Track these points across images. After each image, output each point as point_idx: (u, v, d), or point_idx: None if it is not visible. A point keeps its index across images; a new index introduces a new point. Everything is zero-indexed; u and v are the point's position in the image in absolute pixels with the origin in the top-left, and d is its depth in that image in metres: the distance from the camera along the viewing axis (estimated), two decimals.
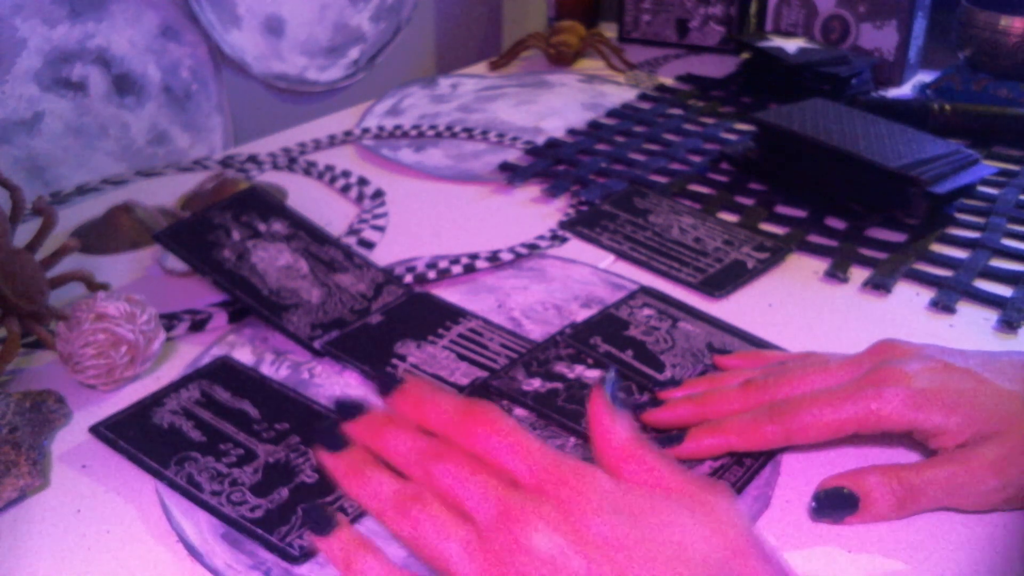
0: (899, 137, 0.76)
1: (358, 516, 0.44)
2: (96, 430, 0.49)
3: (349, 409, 0.36)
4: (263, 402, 0.52)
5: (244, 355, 0.57)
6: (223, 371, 0.54)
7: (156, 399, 0.52)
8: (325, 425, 0.36)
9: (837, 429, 0.45)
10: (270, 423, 0.50)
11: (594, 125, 0.96)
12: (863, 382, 0.45)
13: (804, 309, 0.63)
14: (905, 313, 0.62)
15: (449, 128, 0.93)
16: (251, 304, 0.59)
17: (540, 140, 0.91)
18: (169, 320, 0.60)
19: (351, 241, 0.70)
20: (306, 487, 0.45)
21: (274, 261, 0.62)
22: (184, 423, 0.50)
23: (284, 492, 0.45)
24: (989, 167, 0.77)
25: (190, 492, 0.45)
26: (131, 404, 0.51)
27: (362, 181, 0.82)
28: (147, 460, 0.47)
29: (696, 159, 0.87)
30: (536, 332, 0.59)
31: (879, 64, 1.07)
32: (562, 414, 0.51)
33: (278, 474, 0.46)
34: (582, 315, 0.61)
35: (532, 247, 0.70)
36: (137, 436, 0.49)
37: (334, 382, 0.55)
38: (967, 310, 0.62)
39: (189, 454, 0.47)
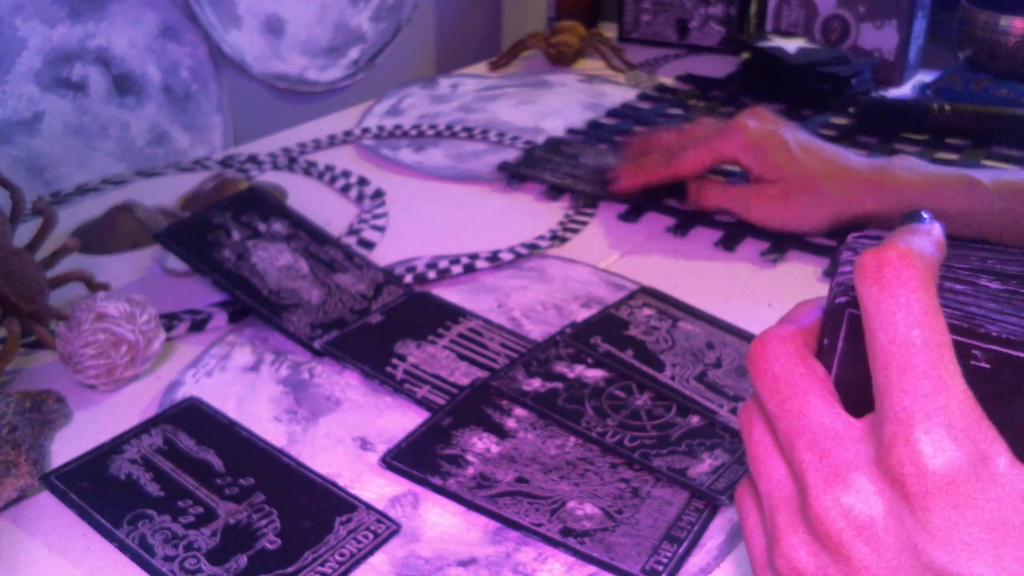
0: None
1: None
2: (47, 479, 0.46)
3: None
4: (229, 452, 0.48)
5: (244, 355, 0.57)
6: (190, 415, 0.51)
7: (116, 445, 0.48)
8: None
9: (701, 162, 0.71)
10: (235, 477, 0.46)
11: (594, 125, 0.96)
12: (722, 129, 0.71)
13: None
14: None
15: (449, 128, 0.93)
16: (251, 304, 0.59)
17: (540, 140, 0.91)
18: (169, 320, 0.59)
19: (351, 241, 0.70)
20: (267, 554, 0.42)
21: (274, 261, 0.62)
22: (143, 475, 0.46)
23: (243, 560, 0.42)
24: None
25: (140, 556, 0.42)
26: (89, 450, 0.48)
27: (362, 181, 0.82)
28: (97, 517, 0.44)
29: None
30: (536, 332, 0.59)
31: (879, 64, 1.07)
32: (562, 414, 0.51)
33: (237, 538, 0.43)
34: (582, 315, 0.61)
35: (532, 247, 0.70)
36: (90, 488, 0.45)
37: (334, 382, 0.55)
38: None
39: (144, 511, 0.44)
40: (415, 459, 0.48)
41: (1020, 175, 0.66)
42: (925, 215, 0.29)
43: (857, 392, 0.28)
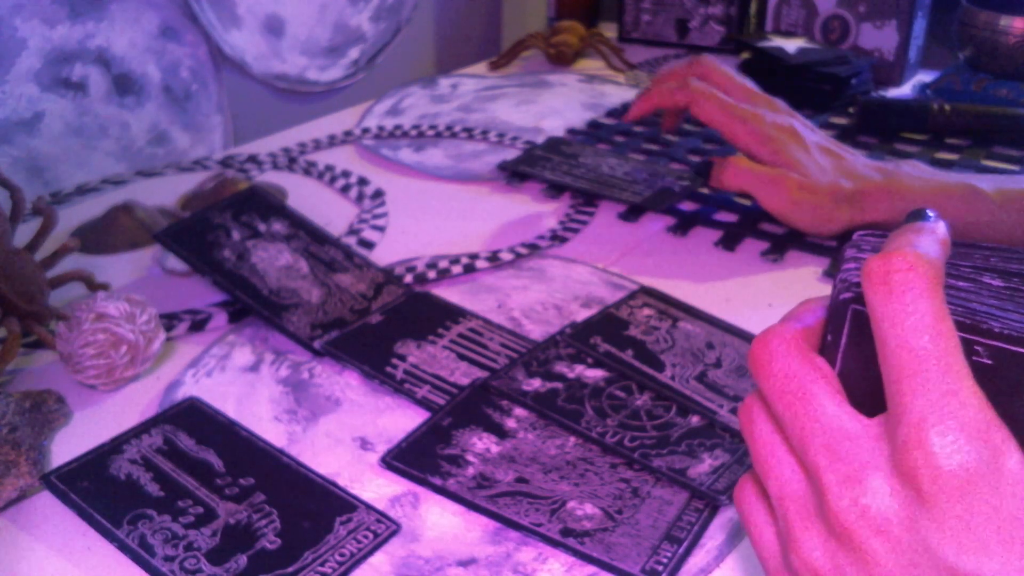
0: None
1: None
2: (47, 479, 0.46)
3: None
4: (229, 452, 0.48)
5: (244, 355, 0.57)
6: (190, 415, 0.51)
7: (116, 445, 0.48)
8: None
9: (712, 121, 0.69)
10: (234, 477, 0.46)
11: (594, 125, 0.96)
12: (744, 111, 0.68)
13: None
14: None
15: (449, 128, 0.93)
16: (251, 304, 0.59)
17: (540, 140, 0.91)
18: (169, 320, 0.59)
19: (351, 241, 0.70)
20: (266, 554, 0.42)
21: (274, 261, 0.62)
22: (143, 475, 0.46)
23: (243, 560, 0.42)
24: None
25: (140, 556, 0.42)
26: (89, 450, 0.48)
27: (362, 181, 0.82)
28: (97, 517, 0.44)
29: (695, 159, 0.87)
30: (536, 332, 0.59)
31: (879, 64, 1.07)
32: (562, 414, 0.51)
33: (237, 538, 0.43)
34: (582, 315, 0.61)
35: (532, 247, 0.70)
36: (90, 488, 0.45)
37: (334, 382, 0.55)
38: None
39: (144, 511, 0.44)
40: (415, 459, 0.48)
41: (1023, 183, 0.66)
42: (930, 213, 0.29)
43: (862, 387, 0.29)
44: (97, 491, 0.45)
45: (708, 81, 0.72)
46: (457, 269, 0.66)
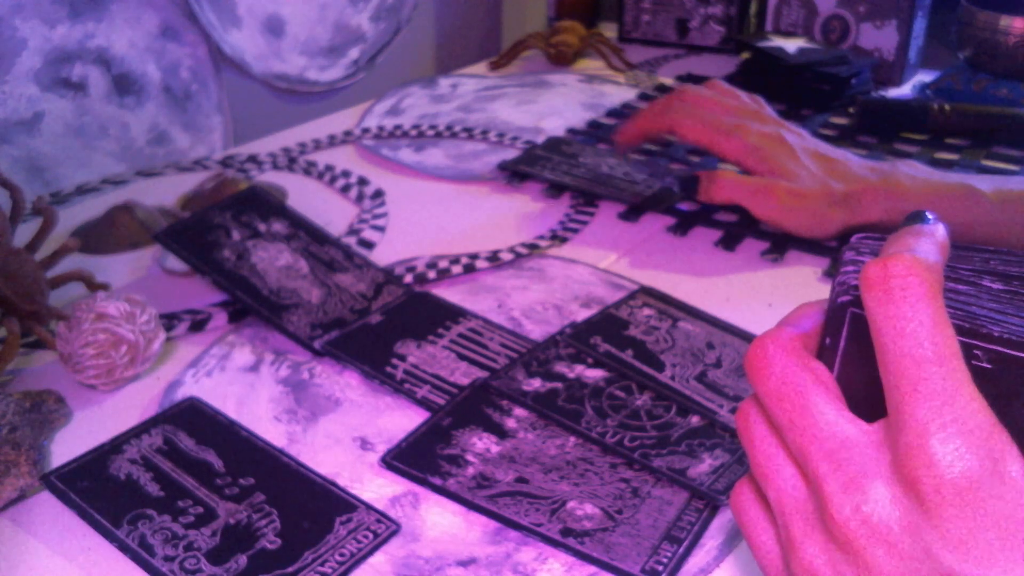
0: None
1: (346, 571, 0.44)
2: (47, 479, 0.46)
3: None
4: (229, 452, 0.48)
5: (244, 355, 0.57)
6: (190, 415, 0.51)
7: (116, 445, 0.48)
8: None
9: (698, 141, 0.70)
10: (235, 477, 0.46)
11: (594, 125, 0.96)
12: (727, 125, 0.69)
13: None
14: None
15: (449, 128, 0.93)
16: (251, 304, 0.59)
17: (540, 140, 0.91)
18: (169, 320, 0.59)
19: (351, 241, 0.70)
20: (267, 554, 0.42)
21: (274, 261, 0.62)
22: (142, 475, 0.46)
23: (243, 560, 0.42)
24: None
25: (140, 556, 0.42)
26: (89, 450, 0.48)
27: (362, 181, 0.82)
28: (97, 517, 0.44)
29: (695, 159, 0.87)
30: (536, 332, 0.59)
31: (879, 64, 1.07)
32: (562, 414, 0.51)
33: (237, 538, 0.43)
34: (582, 315, 0.61)
35: (532, 247, 0.70)
36: (90, 488, 0.45)
37: (334, 382, 0.55)
38: None
39: (144, 511, 0.44)
40: (415, 459, 0.48)
41: (1021, 184, 0.66)
42: (929, 216, 0.29)
43: (861, 390, 0.28)
44: (97, 491, 0.45)
45: (693, 108, 0.72)
46: (457, 269, 0.66)
